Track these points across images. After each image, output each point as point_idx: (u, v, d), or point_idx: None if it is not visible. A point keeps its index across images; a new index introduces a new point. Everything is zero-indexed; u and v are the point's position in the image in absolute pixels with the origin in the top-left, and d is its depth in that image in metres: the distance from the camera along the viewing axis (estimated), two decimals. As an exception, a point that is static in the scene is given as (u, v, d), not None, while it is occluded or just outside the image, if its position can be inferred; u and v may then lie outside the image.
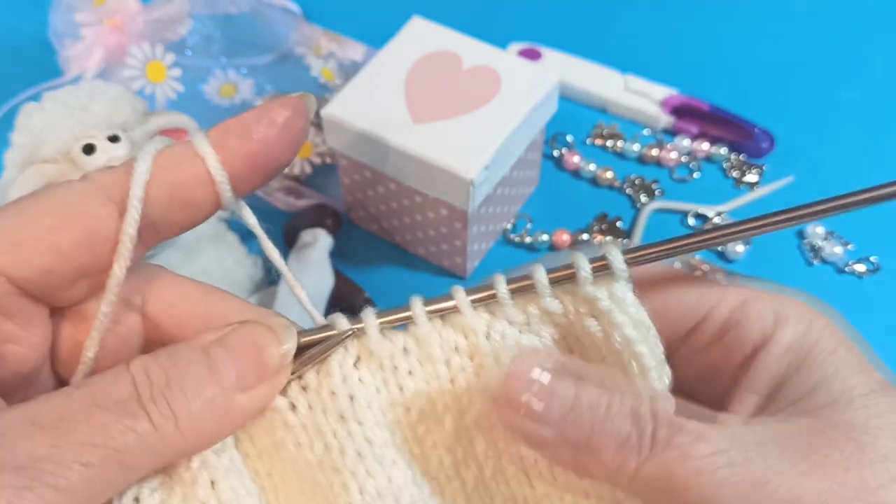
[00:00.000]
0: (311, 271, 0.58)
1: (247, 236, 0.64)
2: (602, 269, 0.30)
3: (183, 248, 0.53)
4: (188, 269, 0.53)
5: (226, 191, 0.28)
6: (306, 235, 0.60)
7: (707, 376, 0.32)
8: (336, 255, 0.60)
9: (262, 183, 0.29)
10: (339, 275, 0.59)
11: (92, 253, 0.27)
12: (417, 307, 0.30)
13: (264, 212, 0.63)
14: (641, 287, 0.31)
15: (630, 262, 0.30)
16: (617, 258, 0.29)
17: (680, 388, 0.30)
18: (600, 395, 0.27)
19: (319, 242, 0.59)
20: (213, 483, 0.29)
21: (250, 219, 0.30)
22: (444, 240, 0.60)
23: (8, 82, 0.64)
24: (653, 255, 0.30)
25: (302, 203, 0.63)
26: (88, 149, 0.50)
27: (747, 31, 0.77)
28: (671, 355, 0.32)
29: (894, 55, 0.74)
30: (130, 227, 0.27)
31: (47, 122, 0.50)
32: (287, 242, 0.62)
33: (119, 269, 0.27)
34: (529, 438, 0.28)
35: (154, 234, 0.28)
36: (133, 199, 0.27)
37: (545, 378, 0.27)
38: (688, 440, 0.26)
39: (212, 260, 0.54)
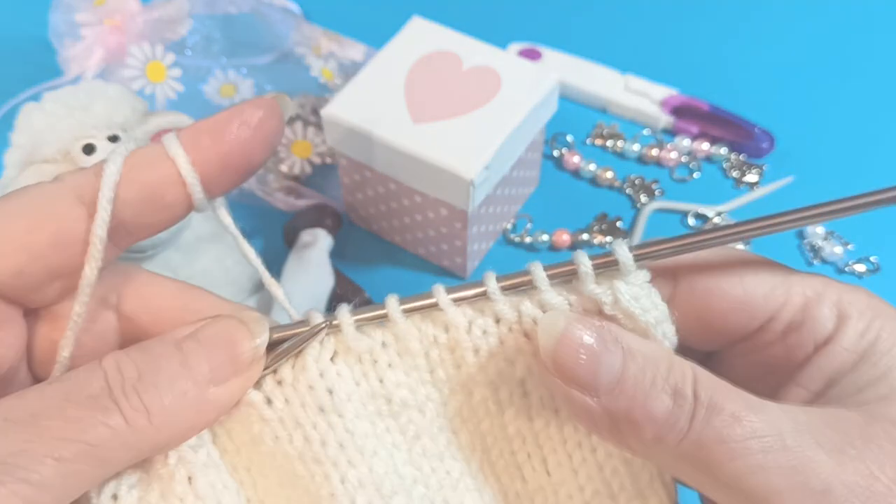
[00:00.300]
0: (311, 271, 0.58)
1: (246, 237, 0.64)
2: (607, 266, 0.29)
3: (183, 249, 0.53)
4: (188, 269, 0.53)
5: (197, 192, 0.28)
6: (306, 235, 0.60)
7: (762, 373, 0.32)
8: (336, 255, 0.60)
9: (235, 184, 0.29)
10: (339, 275, 0.60)
11: (63, 254, 0.27)
12: (393, 306, 0.30)
13: (264, 212, 0.64)
14: (704, 275, 0.31)
15: (637, 259, 0.29)
16: (624, 253, 0.29)
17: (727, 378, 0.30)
18: (645, 370, 0.28)
19: (319, 242, 0.59)
20: (190, 479, 0.29)
21: (226, 219, 0.30)
22: (444, 240, 0.60)
23: (8, 82, 0.64)
24: (662, 252, 0.29)
25: (302, 203, 0.63)
26: (88, 149, 0.50)
27: (747, 31, 0.77)
28: (730, 350, 0.32)
29: (894, 55, 0.74)
30: (100, 229, 0.27)
31: (47, 122, 0.50)
32: (287, 242, 0.62)
33: (90, 270, 0.27)
34: (571, 404, 0.28)
35: (126, 235, 0.28)
36: (102, 200, 0.27)
37: (594, 347, 0.27)
38: (725, 423, 0.27)
39: (212, 260, 0.54)
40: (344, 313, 0.30)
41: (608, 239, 0.64)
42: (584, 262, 0.29)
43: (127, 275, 0.30)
